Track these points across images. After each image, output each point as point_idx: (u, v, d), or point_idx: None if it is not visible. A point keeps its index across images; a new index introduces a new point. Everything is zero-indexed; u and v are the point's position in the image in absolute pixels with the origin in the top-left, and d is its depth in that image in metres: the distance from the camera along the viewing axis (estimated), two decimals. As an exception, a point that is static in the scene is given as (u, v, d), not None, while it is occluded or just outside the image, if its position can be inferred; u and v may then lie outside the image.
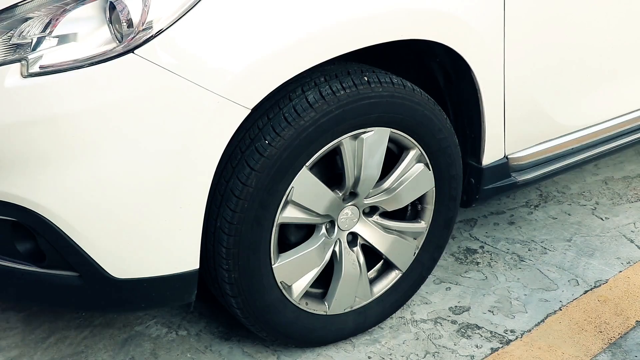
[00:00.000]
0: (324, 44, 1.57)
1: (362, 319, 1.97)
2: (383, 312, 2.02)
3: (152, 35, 1.41)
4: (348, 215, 1.83)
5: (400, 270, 1.99)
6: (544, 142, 2.15)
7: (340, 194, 1.78)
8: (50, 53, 1.40)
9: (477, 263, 2.35)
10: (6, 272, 1.57)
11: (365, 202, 1.84)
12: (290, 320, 1.82)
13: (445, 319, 2.09)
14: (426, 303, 2.16)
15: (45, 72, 1.40)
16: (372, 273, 1.99)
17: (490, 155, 2.02)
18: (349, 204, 1.82)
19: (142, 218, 1.51)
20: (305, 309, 1.84)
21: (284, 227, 1.76)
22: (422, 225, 1.98)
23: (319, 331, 1.90)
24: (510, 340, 2.00)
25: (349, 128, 1.68)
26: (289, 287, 1.79)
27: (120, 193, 1.48)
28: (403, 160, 1.85)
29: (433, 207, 1.95)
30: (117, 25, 1.42)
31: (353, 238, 1.89)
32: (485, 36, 1.83)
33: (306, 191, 1.69)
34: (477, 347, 1.98)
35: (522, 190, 2.77)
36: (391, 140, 1.79)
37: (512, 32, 1.87)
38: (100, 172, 1.45)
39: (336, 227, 1.82)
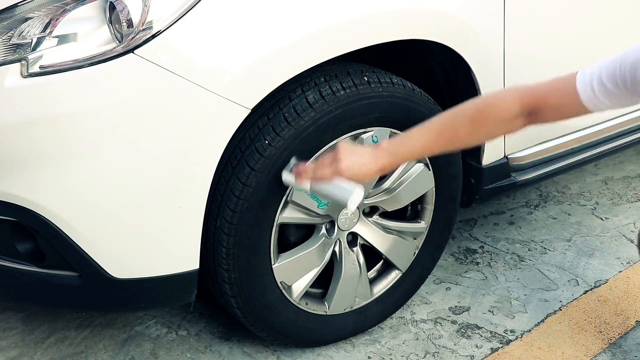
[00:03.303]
0: (324, 44, 1.57)
1: (362, 319, 1.97)
2: (383, 312, 2.02)
3: (152, 35, 1.41)
4: (348, 216, 1.83)
5: (400, 270, 1.99)
6: (544, 142, 2.15)
7: (340, 194, 1.78)
8: (50, 53, 1.40)
9: (477, 263, 2.35)
10: (6, 272, 1.57)
11: (365, 202, 1.84)
12: (290, 320, 1.82)
13: (445, 319, 2.09)
14: (426, 303, 2.16)
15: (45, 72, 1.40)
16: (372, 273, 1.99)
17: (490, 155, 2.02)
18: (349, 204, 1.82)
19: (142, 218, 1.51)
20: (305, 309, 1.84)
21: (284, 227, 1.77)
22: (422, 225, 1.98)
23: (318, 331, 1.90)
24: (510, 340, 2.00)
25: (349, 128, 1.68)
26: (289, 287, 1.79)
27: (120, 193, 1.48)
28: (403, 160, 1.85)
29: (433, 207, 1.95)
30: (117, 25, 1.42)
31: (353, 238, 1.89)
32: (485, 36, 1.83)
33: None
34: (477, 347, 1.98)
35: (522, 190, 2.77)
36: (391, 140, 1.79)
37: (512, 32, 1.87)
38: (100, 172, 1.45)
39: (336, 227, 1.82)
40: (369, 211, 1.90)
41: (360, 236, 1.89)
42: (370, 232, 1.90)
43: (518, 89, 1.37)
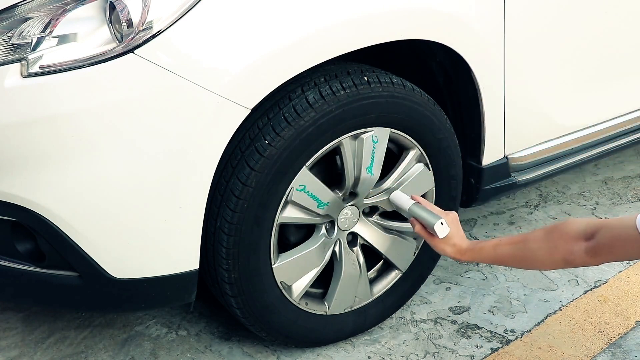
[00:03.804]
0: (324, 44, 1.57)
1: (362, 319, 1.97)
2: (383, 312, 2.02)
3: (152, 35, 1.41)
4: (348, 215, 1.83)
5: (400, 270, 1.99)
6: (544, 142, 2.15)
7: (340, 194, 1.78)
8: (50, 53, 1.40)
9: (477, 263, 2.35)
10: (6, 272, 1.57)
11: (365, 202, 1.84)
12: (290, 320, 1.82)
13: (445, 319, 2.09)
14: (426, 303, 2.16)
15: (45, 72, 1.40)
16: (372, 273, 1.99)
17: (490, 155, 2.02)
18: (349, 204, 1.82)
19: (142, 218, 1.51)
20: (305, 309, 1.84)
21: (284, 227, 1.77)
22: (422, 225, 1.97)
23: (318, 331, 1.90)
24: (510, 340, 2.00)
25: (349, 128, 1.68)
26: (289, 287, 1.79)
27: (120, 193, 1.48)
28: (403, 160, 1.85)
29: (433, 207, 1.95)
30: (117, 25, 1.42)
31: (353, 238, 1.89)
32: (485, 36, 1.83)
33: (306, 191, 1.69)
34: (477, 347, 1.98)
35: (522, 190, 2.77)
36: (391, 140, 1.79)
37: (512, 33, 1.87)
38: (100, 172, 1.45)
39: (336, 227, 1.82)
40: (369, 211, 1.90)
41: (360, 236, 1.89)
42: (370, 232, 1.90)
43: (586, 219, 1.52)
